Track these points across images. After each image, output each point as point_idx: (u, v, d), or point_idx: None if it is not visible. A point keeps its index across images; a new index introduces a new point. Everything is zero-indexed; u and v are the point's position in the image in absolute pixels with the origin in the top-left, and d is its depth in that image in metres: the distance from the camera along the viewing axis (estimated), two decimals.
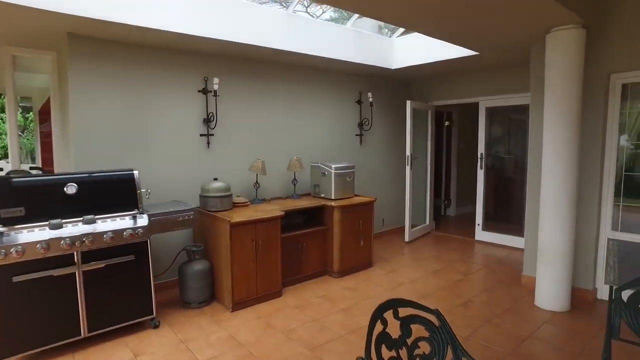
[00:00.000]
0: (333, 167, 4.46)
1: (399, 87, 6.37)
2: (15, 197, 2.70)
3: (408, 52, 5.18)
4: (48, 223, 2.72)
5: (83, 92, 3.48)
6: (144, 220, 3.09)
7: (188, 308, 3.58)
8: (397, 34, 5.29)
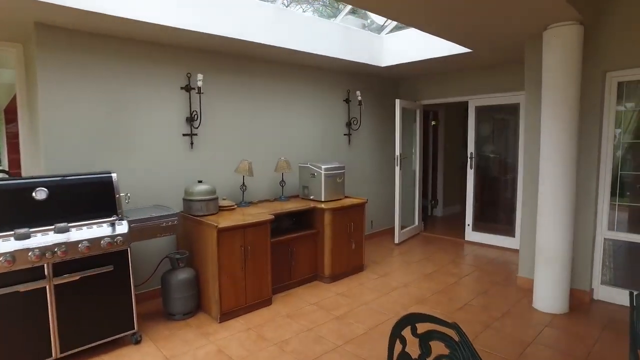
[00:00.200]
0: (323, 167, 4.28)
1: (388, 85, 6.25)
2: None
3: (398, 49, 5.05)
4: (13, 233, 2.44)
5: (53, 88, 3.19)
6: (124, 227, 2.83)
7: (172, 320, 3.34)
8: (385, 31, 5.17)
